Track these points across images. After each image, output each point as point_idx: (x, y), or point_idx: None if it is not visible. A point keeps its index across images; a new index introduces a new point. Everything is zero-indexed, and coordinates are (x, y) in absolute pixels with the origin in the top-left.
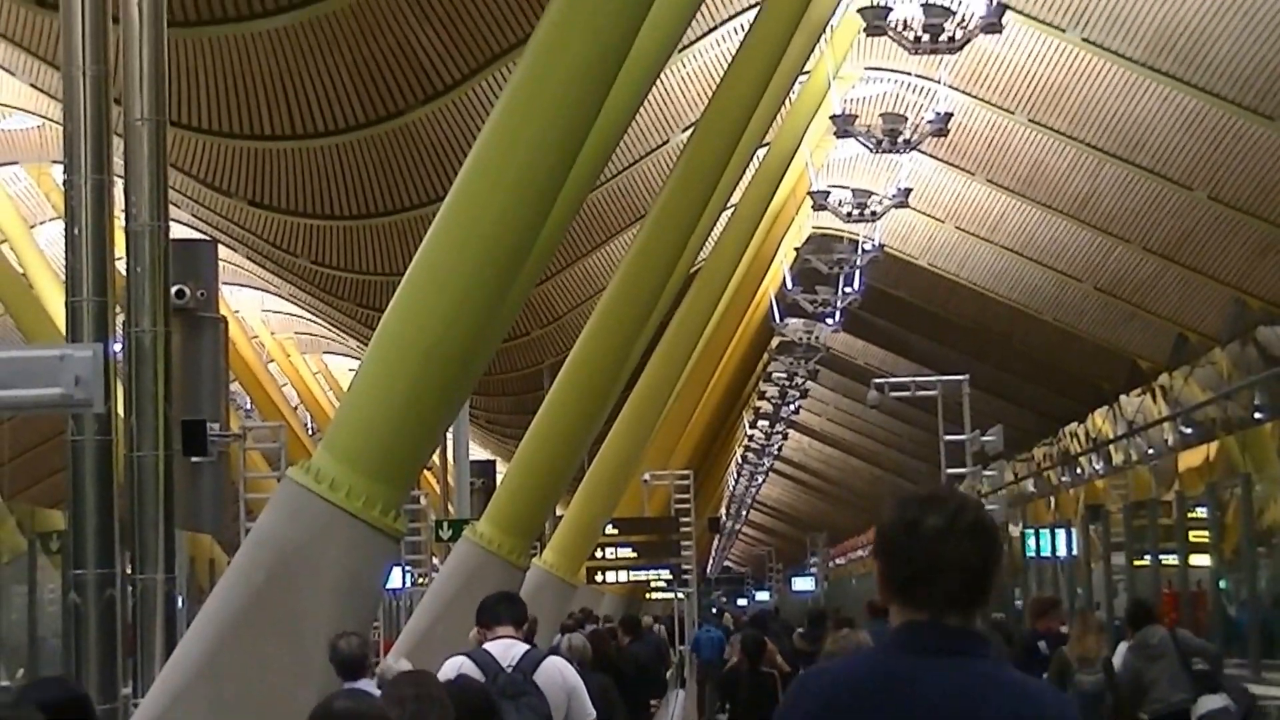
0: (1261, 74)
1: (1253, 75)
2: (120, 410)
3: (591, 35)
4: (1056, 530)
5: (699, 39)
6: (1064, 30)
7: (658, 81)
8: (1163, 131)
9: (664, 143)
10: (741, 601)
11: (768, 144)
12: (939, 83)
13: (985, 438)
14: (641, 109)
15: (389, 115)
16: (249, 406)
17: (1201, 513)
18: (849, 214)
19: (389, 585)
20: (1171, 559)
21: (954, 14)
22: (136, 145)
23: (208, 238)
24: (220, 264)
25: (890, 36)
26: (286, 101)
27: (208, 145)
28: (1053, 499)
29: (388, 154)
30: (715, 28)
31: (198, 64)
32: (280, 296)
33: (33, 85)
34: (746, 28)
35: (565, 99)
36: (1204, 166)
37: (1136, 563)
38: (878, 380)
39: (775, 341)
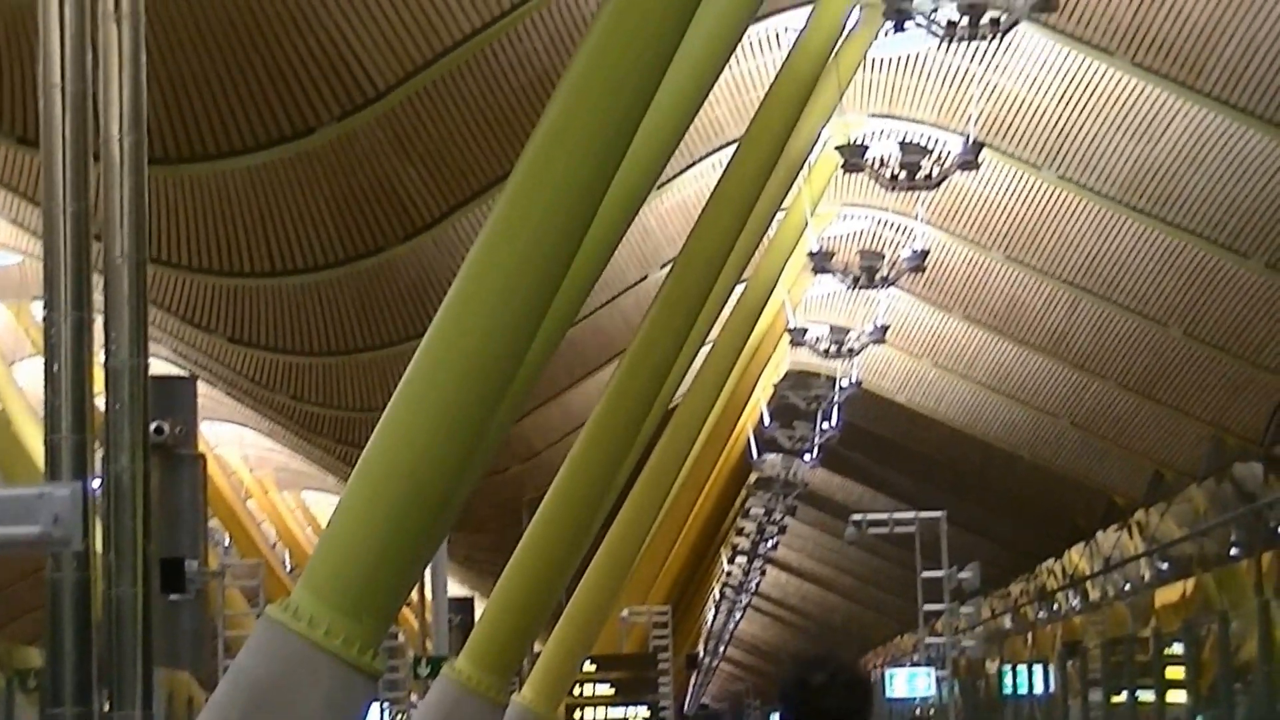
0: (1236, 211)
1: (1227, 213)
2: (98, 547)
3: (570, 172)
4: (1033, 667)
5: (677, 175)
6: (1040, 168)
7: (636, 217)
8: (1138, 268)
9: (643, 278)
10: None
11: (746, 280)
12: (916, 219)
13: (962, 574)
14: (620, 245)
15: (369, 252)
16: (227, 544)
17: (1178, 649)
18: (826, 350)
19: None
20: (1148, 695)
21: (930, 152)
22: (117, 282)
23: (187, 374)
24: (199, 400)
25: (867, 174)
26: (266, 238)
27: (188, 282)
28: (1030, 635)
29: (368, 290)
30: (693, 164)
31: (178, 201)
32: (259, 432)
33: (13, 222)
34: (725, 164)
35: (544, 235)
36: (1179, 303)
37: (1114, 699)
38: (855, 517)
39: (753, 477)
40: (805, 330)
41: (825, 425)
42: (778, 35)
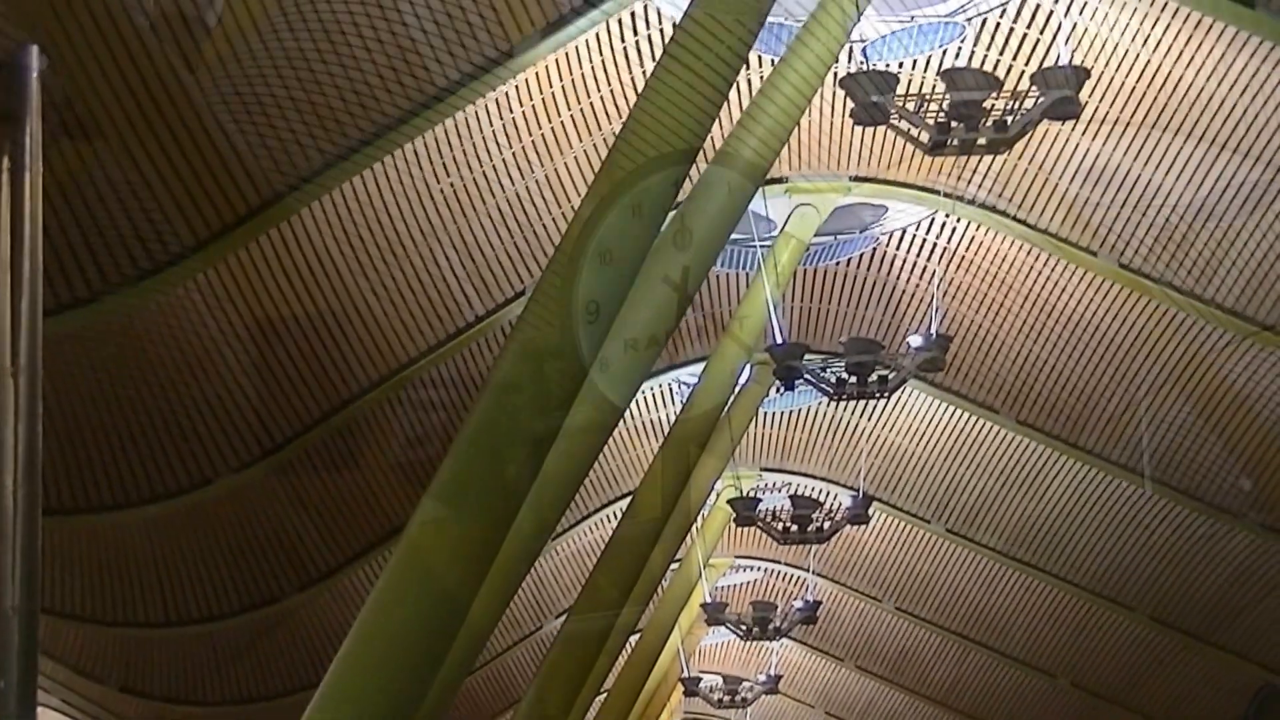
0: (1119, 566)
1: (1111, 567)
2: None
3: (466, 524)
4: None
5: (573, 526)
6: (928, 521)
7: (532, 567)
8: (1026, 620)
9: (537, 629)
10: None
11: (640, 630)
12: (808, 571)
13: None
14: (515, 595)
15: (264, 602)
16: None
17: None
18: (720, 700)
19: None
20: None
21: (821, 505)
22: (6, 634)
23: None
24: None
25: (759, 527)
26: (161, 588)
27: (80, 632)
28: None
29: (262, 640)
30: (589, 515)
31: (72, 551)
32: None
33: None
34: (619, 516)
35: (438, 588)
36: (1067, 654)
37: None
38: None
39: None
40: (699, 680)
41: None
42: (672, 389)
